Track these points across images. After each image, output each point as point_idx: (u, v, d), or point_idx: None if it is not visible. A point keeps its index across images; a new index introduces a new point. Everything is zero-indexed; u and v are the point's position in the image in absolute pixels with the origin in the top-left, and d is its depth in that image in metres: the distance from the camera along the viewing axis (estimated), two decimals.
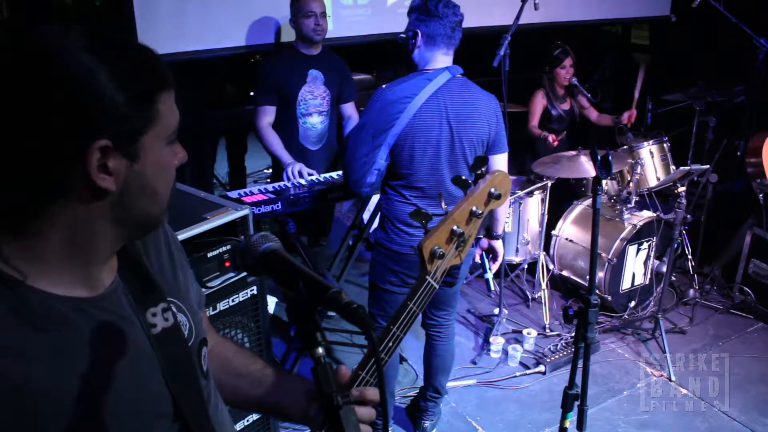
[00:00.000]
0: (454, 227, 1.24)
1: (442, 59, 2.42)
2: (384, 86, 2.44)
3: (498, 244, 2.74)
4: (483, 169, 2.57)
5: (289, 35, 3.37)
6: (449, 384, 3.15)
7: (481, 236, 2.66)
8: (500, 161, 2.50)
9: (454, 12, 2.39)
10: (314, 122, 3.40)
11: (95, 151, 0.76)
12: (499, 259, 2.79)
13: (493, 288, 2.90)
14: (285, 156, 3.20)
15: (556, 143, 4.11)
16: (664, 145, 4.02)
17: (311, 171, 3.10)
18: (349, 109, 3.55)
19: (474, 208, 1.27)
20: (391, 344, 1.15)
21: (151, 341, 0.91)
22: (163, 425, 0.92)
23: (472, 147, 2.39)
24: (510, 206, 3.82)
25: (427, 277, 1.21)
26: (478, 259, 2.83)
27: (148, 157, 0.81)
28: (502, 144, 2.50)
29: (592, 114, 4.46)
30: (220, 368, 1.16)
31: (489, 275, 2.80)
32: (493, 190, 1.30)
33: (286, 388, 1.14)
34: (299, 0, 3.18)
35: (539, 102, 4.30)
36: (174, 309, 0.97)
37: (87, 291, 0.86)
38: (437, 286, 1.22)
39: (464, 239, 1.26)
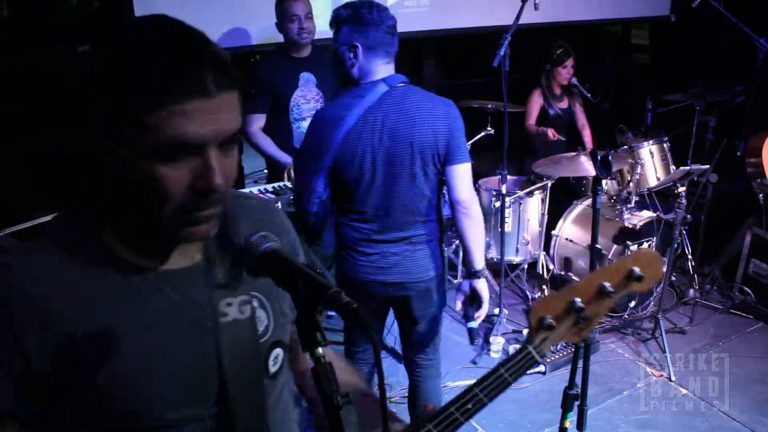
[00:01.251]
0: (576, 300, 1.07)
1: (383, 69, 2.16)
2: (319, 108, 2.27)
3: (481, 285, 2.26)
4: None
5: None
6: (450, 384, 3.15)
7: (460, 279, 2.39)
8: (458, 173, 2.18)
9: (388, 16, 2.16)
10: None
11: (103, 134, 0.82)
12: (485, 306, 2.28)
13: (474, 340, 2.39)
14: (283, 156, 3.20)
15: (555, 137, 4.12)
16: (664, 145, 4.02)
17: None
18: None
19: (606, 285, 1.09)
20: (470, 406, 1.05)
21: (217, 328, 0.93)
22: (202, 409, 0.93)
23: (423, 158, 2.15)
24: (510, 206, 3.82)
25: (529, 346, 1.08)
26: (459, 308, 2.34)
27: (129, 161, 0.81)
28: (460, 154, 2.17)
29: (579, 121, 4.46)
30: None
31: (473, 325, 2.30)
32: (636, 269, 1.10)
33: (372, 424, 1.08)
34: (282, 4, 3.12)
35: (536, 101, 4.31)
36: (255, 304, 0.99)
37: (159, 265, 0.92)
38: (539, 360, 1.08)
39: (585, 317, 1.08)
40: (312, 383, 1.17)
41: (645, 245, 3.74)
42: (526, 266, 4.06)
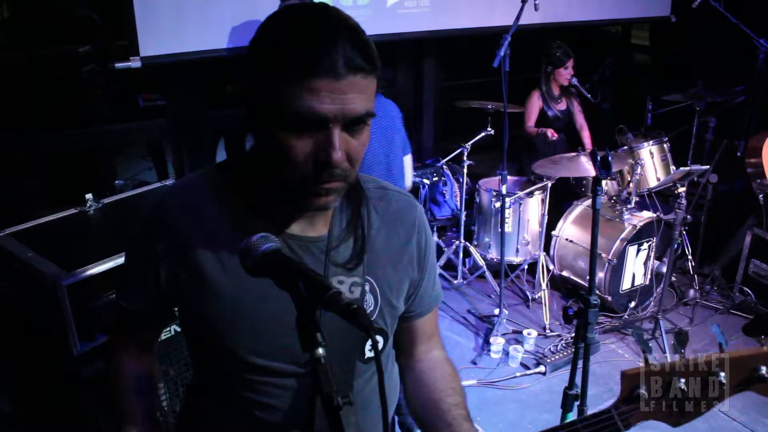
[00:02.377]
0: (680, 381, 0.91)
1: None
2: None
3: None
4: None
5: None
6: None
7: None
8: (408, 162, 2.53)
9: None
10: None
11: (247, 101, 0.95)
12: None
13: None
14: None
15: (555, 137, 4.12)
16: (664, 145, 4.02)
17: None
18: None
19: (721, 376, 0.91)
20: None
21: None
22: (291, 367, 1.02)
23: (397, 155, 2.43)
24: (510, 206, 3.82)
25: (613, 410, 0.95)
26: None
27: (267, 129, 0.91)
28: (406, 146, 2.53)
29: (578, 122, 4.47)
30: (417, 383, 1.21)
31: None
32: (763, 369, 0.90)
33: None
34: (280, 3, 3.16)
35: (535, 103, 4.31)
36: (367, 288, 1.05)
37: (286, 228, 1.02)
38: (622, 430, 0.95)
39: (684, 406, 0.91)
40: (415, 380, 1.22)
41: (645, 246, 3.74)
42: (526, 266, 4.06)
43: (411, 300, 1.17)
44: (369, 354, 1.07)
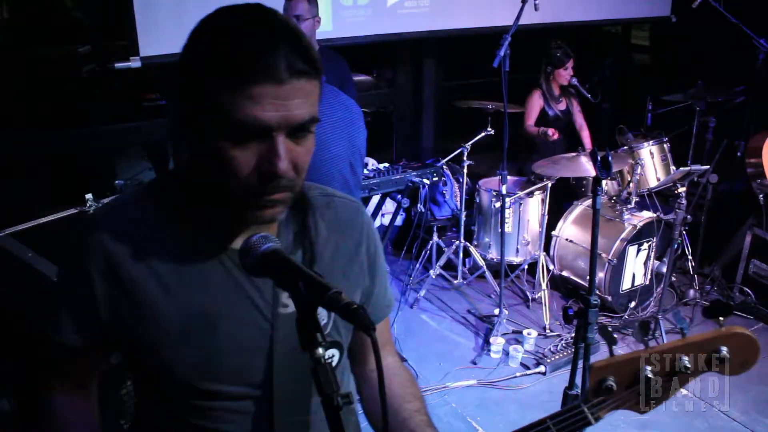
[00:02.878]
0: (647, 369, 0.94)
1: None
2: None
3: None
4: None
5: None
6: (450, 385, 3.15)
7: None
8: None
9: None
10: None
11: (181, 111, 0.88)
12: None
13: None
14: None
15: (555, 136, 4.12)
16: (664, 145, 4.02)
17: None
18: None
19: (684, 359, 0.94)
20: None
21: (276, 317, 0.95)
22: (246, 390, 0.96)
23: (360, 151, 2.30)
24: (510, 206, 3.82)
25: (583, 405, 0.96)
26: None
27: (203, 138, 0.85)
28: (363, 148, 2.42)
29: (578, 122, 4.47)
30: (375, 392, 1.15)
31: None
32: (723, 350, 0.95)
33: None
34: (285, 4, 3.11)
35: (536, 102, 4.31)
36: None
37: (230, 245, 0.95)
38: (593, 422, 0.96)
39: (652, 394, 0.96)
40: (372, 388, 1.17)
41: (645, 246, 3.74)
42: (526, 267, 4.06)
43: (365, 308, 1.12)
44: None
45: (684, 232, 3.86)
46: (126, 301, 0.93)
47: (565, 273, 3.99)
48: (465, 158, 3.93)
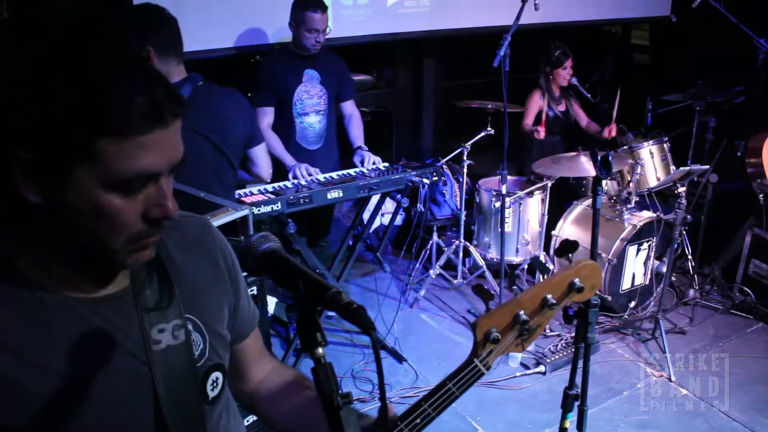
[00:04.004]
0: (520, 312, 1.10)
1: (178, 71, 2.17)
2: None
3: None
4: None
5: (289, 35, 3.37)
6: None
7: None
8: (260, 153, 2.49)
9: (168, 12, 2.12)
10: (312, 122, 3.40)
11: (18, 158, 0.75)
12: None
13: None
14: (287, 158, 3.21)
15: (541, 136, 4.12)
16: (664, 145, 4.02)
17: (316, 170, 3.13)
18: (350, 107, 3.55)
19: (548, 297, 1.12)
20: (419, 421, 1.05)
21: (150, 356, 0.89)
22: None
23: (235, 150, 2.34)
24: (510, 206, 3.82)
25: (475, 359, 1.09)
26: None
27: (75, 188, 0.75)
28: (259, 136, 2.50)
29: (583, 120, 4.48)
30: (271, 399, 1.14)
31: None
32: (576, 281, 1.14)
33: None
34: (303, 13, 3.13)
35: (536, 102, 4.31)
36: (190, 327, 0.95)
37: (82, 292, 0.86)
38: (485, 372, 1.10)
39: (529, 329, 1.11)
40: (268, 398, 1.14)
41: (645, 246, 3.74)
42: (526, 266, 4.06)
43: (234, 323, 1.07)
44: (212, 393, 0.98)
45: (684, 232, 3.86)
46: None
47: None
48: (465, 158, 3.93)
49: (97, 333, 0.86)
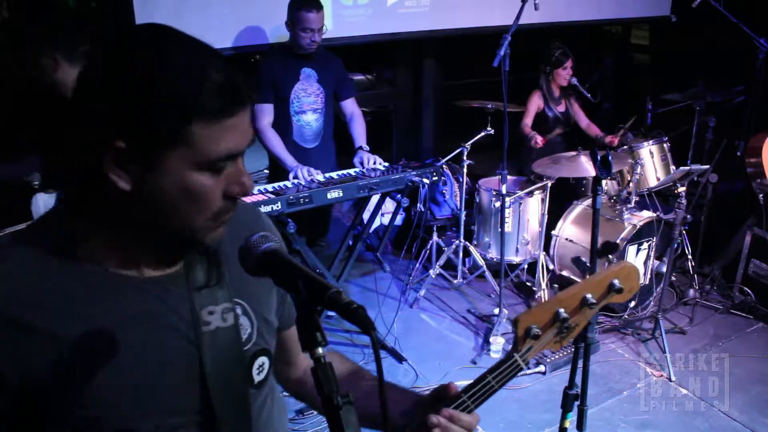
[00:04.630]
0: (560, 310, 1.11)
1: None
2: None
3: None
4: None
5: (288, 34, 3.37)
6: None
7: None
8: None
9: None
10: (309, 120, 3.40)
11: (111, 148, 0.79)
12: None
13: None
14: (289, 159, 3.21)
15: (539, 145, 4.12)
16: (664, 145, 4.02)
17: (318, 171, 3.13)
18: (350, 105, 3.55)
19: (588, 296, 1.13)
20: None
21: (200, 337, 0.92)
22: (185, 418, 0.91)
23: None
24: (510, 206, 3.82)
25: (515, 354, 1.10)
26: None
27: (167, 173, 0.81)
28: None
29: (582, 121, 4.48)
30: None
31: None
32: (616, 281, 1.15)
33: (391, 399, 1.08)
34: (298, 13, 3.15)
35: (535, 103, 4.31)
36: (239, 311, 0.97)
37: (139, 272, 0.89)
38: (524, 367, 1.12)
39: (568, 327, 1.13)
40: (342, 366, 1.16)
41: (645, 246, 3.74)
42: (526, 266, 4.06)
43: (282, 311, 1.10)
44: (258, 378, 1.00)
45: (684, 232, 3.86)
46: (41, 359, 0.82)
47: (565, 273, 3.99)
48: (465, 158, 3.93)
49: (152, 311, 0.89)
